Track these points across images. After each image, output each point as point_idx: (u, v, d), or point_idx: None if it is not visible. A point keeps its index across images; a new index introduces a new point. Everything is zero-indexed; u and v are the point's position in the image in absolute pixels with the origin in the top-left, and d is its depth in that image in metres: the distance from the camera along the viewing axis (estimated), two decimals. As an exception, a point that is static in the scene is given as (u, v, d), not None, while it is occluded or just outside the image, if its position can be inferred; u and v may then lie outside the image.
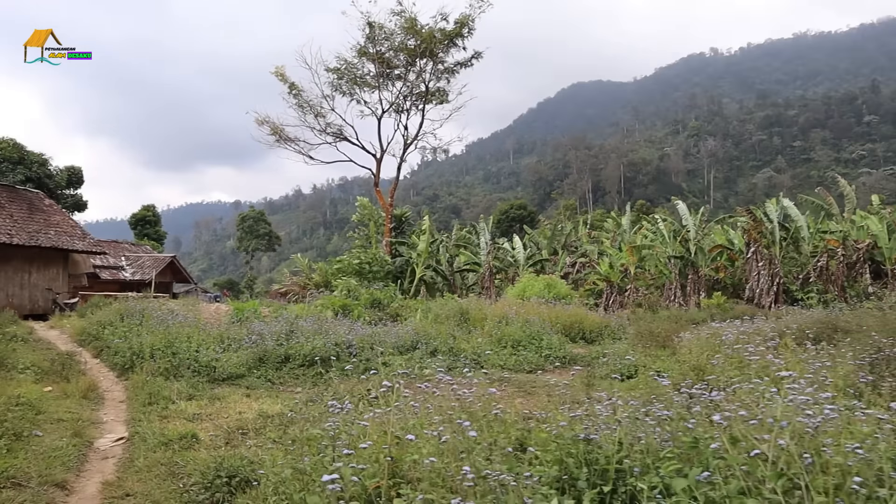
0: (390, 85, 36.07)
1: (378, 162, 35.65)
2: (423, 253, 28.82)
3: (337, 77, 35.80)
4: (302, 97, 35.52)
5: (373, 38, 35.15)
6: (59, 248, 26.17)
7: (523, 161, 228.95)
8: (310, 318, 14.96)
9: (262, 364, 12.18)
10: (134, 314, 15.48)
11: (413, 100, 35.84)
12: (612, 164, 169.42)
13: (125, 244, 45.37)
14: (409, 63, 35.40)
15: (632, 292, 39.88)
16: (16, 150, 46.42)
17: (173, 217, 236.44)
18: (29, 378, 10.79)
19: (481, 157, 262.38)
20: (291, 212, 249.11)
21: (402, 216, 35.46)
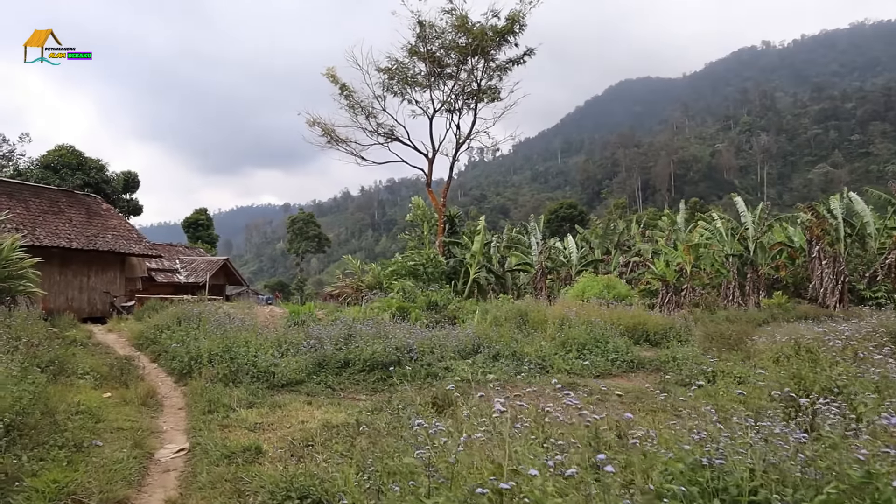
0: (441, 84, 35.69)
1: (430, 162, 35.28)
2: (477, 253, 28.30)
3: (388, 77, 35.53)
4: (353, 98, 35.34)
5: (423, 36, 34.77)
6: (116, 251, 26.40)
7: (571, 160, 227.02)
8: (368, 322, 14.59)
9: (322, 369, 11.83)
10: (191, 318, 15.32)
11: (465, 98, 35.36)
12: (662, 162, 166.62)
13: (179, 247, 45.86)
14: (460, 61, 34.92)
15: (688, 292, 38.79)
16: (74, 156, 47.34)
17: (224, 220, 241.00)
18: (88, 384, 10.61)
19: (528, 157, 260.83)
20: (340, 214, 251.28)
21: (455, 216, 34.98)
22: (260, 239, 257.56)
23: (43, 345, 11.90)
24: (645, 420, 7.15)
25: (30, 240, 22.38)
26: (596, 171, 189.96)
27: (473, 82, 34.95)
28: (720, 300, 37.07)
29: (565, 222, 79.36)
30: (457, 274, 28.89)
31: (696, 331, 19.11)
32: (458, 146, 35.41)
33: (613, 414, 6.90)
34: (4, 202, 24.01)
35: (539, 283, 42.82)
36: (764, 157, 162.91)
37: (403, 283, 20.13)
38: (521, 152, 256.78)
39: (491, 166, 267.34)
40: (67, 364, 11.44)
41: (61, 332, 15.22)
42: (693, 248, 39.02)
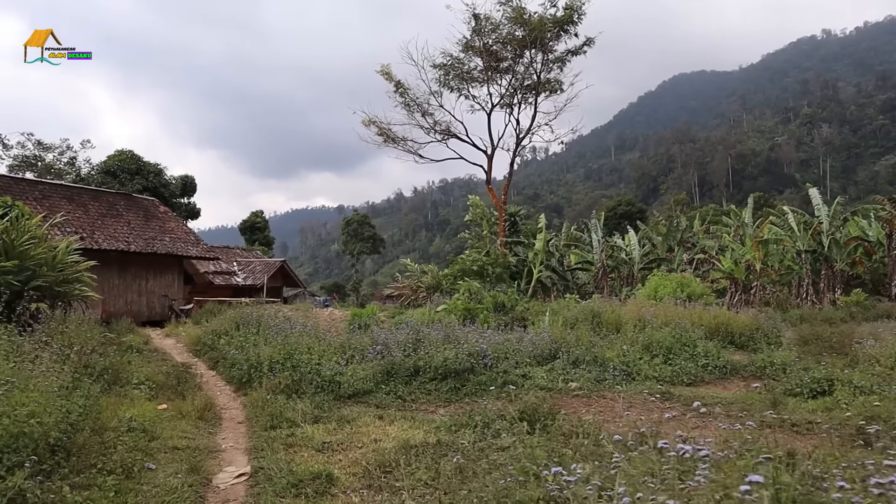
0: (499, 78, 34.60)
1: (489, 158, 34.24)
2: (541, 252, 27.18)
3: (444, 73, 34.64)
4: (408, 95, 34.53)
5: (479, 30, 33.76)
6: (174, 254, 26.10)
7: (625, 157, 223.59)
8: (436, 325, 13.65)
9: (391, 378, 10.91)
10: (250, 322, 14.59)
11: (523, 92, 34.21)
12: (719, 157, 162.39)
13: (236, 249, 45.80)
14: (517, 54, 33.82)
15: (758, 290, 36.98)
16: (133, 160, 47.79)
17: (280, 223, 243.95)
18: (143, 394, 9.91)
19: (581, 155, 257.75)
20: (393, 215, 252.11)
21: (516, 214, 33.87)
22: (315, 241, 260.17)
23: (97, 352, 11.28)
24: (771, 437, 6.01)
25: (88, 243, 22.15)
26: (651, 168, 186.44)
27: (532, 75, 33.78)
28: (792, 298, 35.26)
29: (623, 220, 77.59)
30: (519, 274, 27.82)
31: (787, 332, 17.72)
32: (519, 141, 34.28)
33: (731, 430, 5.81)
34: (64, 206, 23.87)
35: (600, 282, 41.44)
36: (826, 150, 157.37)
37: (469, 283, 19.17)
38: (574, 150, 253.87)
39: (544, 165, 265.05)
40: (122, 372, 10.78)
41: (118, 338, 14.67)
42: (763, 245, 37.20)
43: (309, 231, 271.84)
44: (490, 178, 34.51)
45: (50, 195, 24.25)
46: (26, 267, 12.17)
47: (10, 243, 12.05)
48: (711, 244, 45.32)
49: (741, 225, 41.21)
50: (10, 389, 7.47)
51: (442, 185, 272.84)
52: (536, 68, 33.46)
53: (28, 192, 23.56)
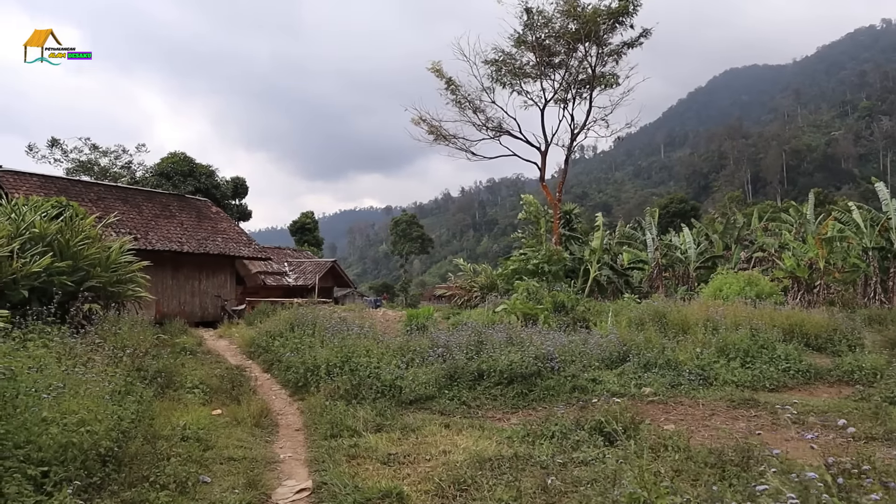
0: (552, 73, 33.76)
1: (543, 155, 33.41)
2: (598, 250, 26.34)
3: (495, 69, 33.96)
4: (459, 92, 33.95)
5: (531, 24, 33.00)
6: (226, 254, 25.98)
7: (675, 154, 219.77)
8: (498, 327, 13.03)
9: (454, 383, 10.31)
10: (305, 324, 14.15)
11: (577, 87, 33.30)
12: (773, 153, 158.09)
13: (287, 250, 45.84)
14: (570, 48, 32.93)
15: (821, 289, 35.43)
16: (186, 162, 48.28)
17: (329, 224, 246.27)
18: (197, 399, 9.51)
19: (630, 153, 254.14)
20: (441, 215, 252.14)
21: (571, 212, 32.99)
22: (363, 241, 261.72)
23: (151, 353, 10.96)
24: None
25: (142, 244, 22.12)
26: (702, 165, 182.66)
27: (586, 69, 32.87)
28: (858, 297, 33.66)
29: (676, 217, 75.91)
30: (575, 273, 27.03)
31: (869, 335, 16.64)
32: (574, 137, 33.39)
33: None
34: (119, 207, 23.92)
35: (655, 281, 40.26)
36: (887, 144, 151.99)
37: (527, 283, 18.46)
38: (623, 148, 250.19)
39: (592, 163, 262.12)
40: (176, 375, 10.42)
41: (171, 339, 14.41)
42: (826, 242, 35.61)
43: (357, 232, 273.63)
44: (544, 175, 33.71)
45: (105, 196, 24.33)
46: (80, 267, 11.93)
47: (65, 243, 11.82)
48: (771, 242, 43.72)
49: (803, 222, 39.57)
50: (60, 394, 7.12)
51: (489, 185, 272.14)
52: (591, 62, 32.58)
53: (84, 193, 23.67)
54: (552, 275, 21.68)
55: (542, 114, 33.83)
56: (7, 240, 11.05)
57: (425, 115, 34.25)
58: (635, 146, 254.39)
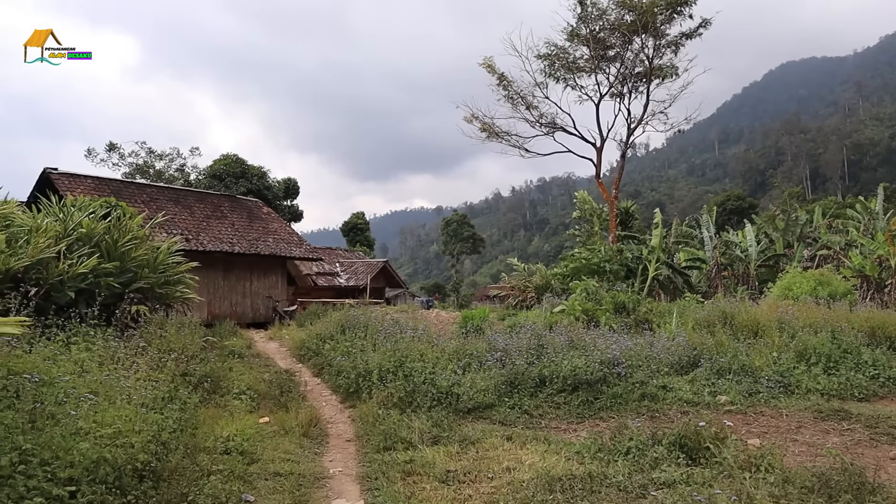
0: (607, 66, 32.71)
1: (598, 151, 32.39)
2: (657, 249, 25.26)
3: (548, 64, 33.09)
4: (512, 88, 33.17)
5: (585, 17, 32.04)
6: (277, 255, 25.74)
7: (729, 151, 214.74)
8: (558, 329, 12.30)
9: (514, 390, 9.63)
10: (356, 326, 13.61)
11: (633, 80, 32.20)
12: (833, 148, 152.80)
13: (338, 250, 45.71)
14: (626, 41, 31.86)
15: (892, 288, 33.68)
16: (238, 164, 48.58)
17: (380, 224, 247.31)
18: (243, 405, 9.04)
19: (683, 150, 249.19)
20: (491, 215, 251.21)
21: (629, 209, 31.91)
22: (414, 242, 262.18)
23: (198, 357, 10.57)
24: None
25: (193, 245, 22.00)
26: (758, 161, 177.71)
27: (644, 61, 31.75)
28: (934, 297, 31.85)
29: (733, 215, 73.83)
30: (633, 272, 26.03)
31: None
32: (630, 132, 32.28)
33: None
34: (171, 208, 23.89)
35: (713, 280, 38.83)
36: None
37: (586, 282, 17.62)
38: (676, 145, 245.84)
39: (644, 161, 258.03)
40: (223, 380, 9.99)
41: (220, 341, 14.06)
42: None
43: (408, 232, 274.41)
44: (599, 171, 32.71)
45: (157, 198, 24.32)
46: (127, 268, 11.62)
47: (112, 244, 11.52)
48: (836, 239, 41.83)
49: (871, 217, 37.70)
50: (98, 402, 6.70)
51: (540, 184, 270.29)
52: (648, 54, 31.44)
53: (137, 195, 23.69)
54: (612, 274, 20.80)
55: (596, 109, 32.85)
56: (54, 240, 10.78)
57: (477, 113, 33.57)
58: (689, 143, 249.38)
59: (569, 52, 33.03)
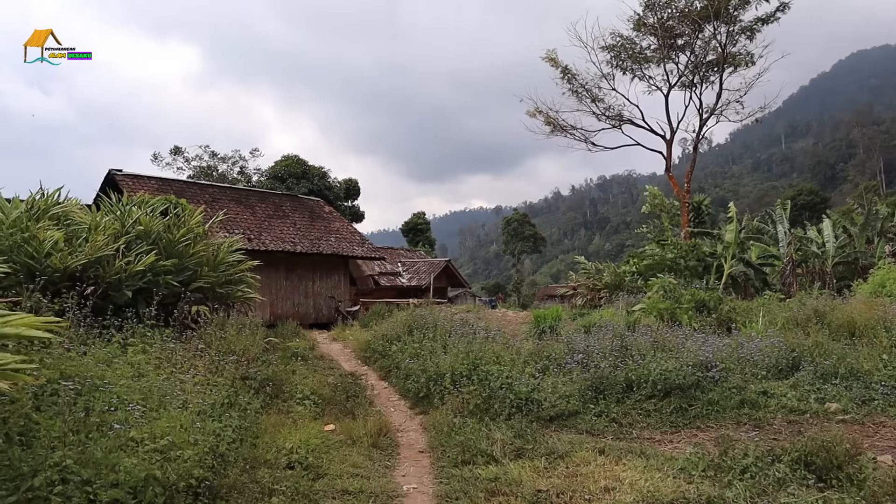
0: (675, 56, 31.36)
1: (668, 144, 31.09)
2: (732, 245, 23.94)
3: (613, 55, 31.93)
4: (576, 80, 32.13)
5: (652, 5, 30.80)
6: (339, 254, 25.30)
7: (797, 145, 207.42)
8: (640, 329, 11.37)
9: (599, 395, 8.77)
10: (424, 326, 12.90)
11: (705, 69, 30.73)
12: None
13: (400, 250, 45.27)
14: (696, 28, 30.46)
15: None
16: (299, 164, 48.65)
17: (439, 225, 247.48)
18: (307, 411, 8.42)
19: (748, 145, 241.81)
20: (551, 214, 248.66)
21: (701, 204, 30.48)
22: (473, 242, 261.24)
23: (260, 359, 10.03)
24: None
25: (255, 244, 21.69)
26: (827, 155, 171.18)
27: (716, 48, 30.25)
28: None
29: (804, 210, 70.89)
30: (706, 269, 24.73)
31: None
32: (703, 122, 30.84)
33: None
34: (233, 208, 23.68)
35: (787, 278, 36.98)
36: None
37: (663, 279, 16.54)
38: (740, 140, 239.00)
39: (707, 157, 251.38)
40: (285, 384, 9.40)
41: (283, 342, 13.54)
42: None
43: (467, 233, 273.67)
44: (670, 164, 31.40)
45: (219, 198, 24.14)
46: (186, 266, 11.16)
47: (170, 241, 11.08)
48: (924, 234, 39.44)
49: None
50: (150, 411, 6.14)
51: (600, 183, 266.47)
52: (720, 40, 29.94)
53: (199, 195, 23.54)
54: (689, 271, 19.67)
55: (665, 100, 31.56)
56: (113, 238, 10.39)
57: (542, 107, 32.63)
58: (753, 138, 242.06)
59: (635, 42, 31.82)
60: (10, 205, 10.46)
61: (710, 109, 30.54)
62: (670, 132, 31.12)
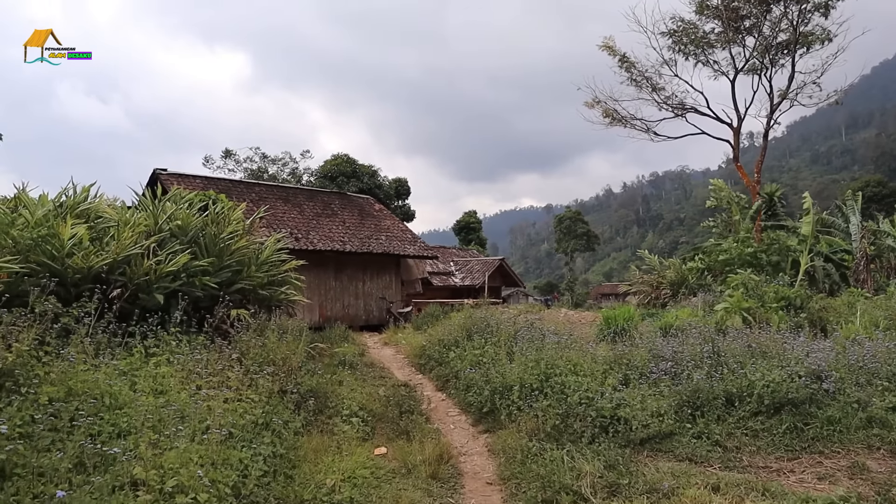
0: (741, 39, 29.40)
1: (735, 132, 29.15)
2: (809, 237, 22.10)
3: (674, 41, 30.16)
4: (635, 69, 30.46)
5: (716, -14, 28.98)
6: (390, 253, 24.23)
7: (858, 136, 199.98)
8: (733, 332, 9.93)
9: (696, 412, 7.40)
10: (484, 329, 11.63)
11: (774, 52, 28.68)
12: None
13: (452, 249, 44.16)
14: (763, 9, 28.50)
15: None
16: (349, 163, 47.93)
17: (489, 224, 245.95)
18: (354, 431, 7.27)
19: (806, 137, 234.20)
20: (602, 212, 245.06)
21: (774, 195, 28.51)
22: (524, 241, 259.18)
23: (305, 368, 8.96)
24: None
25: (303, 244, 20.79)
26: (892, 146, 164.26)
27: (788, 28, 28.23)
28: None
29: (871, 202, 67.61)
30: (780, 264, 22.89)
31: None
32: (774, 108, 28.78)
33: None
34: (280, 206, 22.86)
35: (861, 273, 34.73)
36: None
37: (743, 275, 14.93)
38: (797, 132, 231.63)
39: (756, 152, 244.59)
40: (330, 398, 8.29)
41: (330, 348, 12.46)
42: None
43: (518, 232, 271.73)
44: (738, 153, 29.46)
45: (266, 196, 23.34)
46: (226, 266, 10.14)
47: (208, 238, 10.08)
48: None
49: None
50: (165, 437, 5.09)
51: (652, 179, 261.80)
52: (792, 19, 27.88)
53: (245, 193, 22.77)
54: (772, 266, 18.03)
55: (732, 85, 29.61)
56: (145, 235, 9.42)
57: (599, 97, 31.06)
58: (811, 130, 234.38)
59: (697, 26, 30.00)
60: (38, 202, 9.60)
61: (782, 93, 28.48)
62: (738, 120, 29.20)
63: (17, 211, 9.01)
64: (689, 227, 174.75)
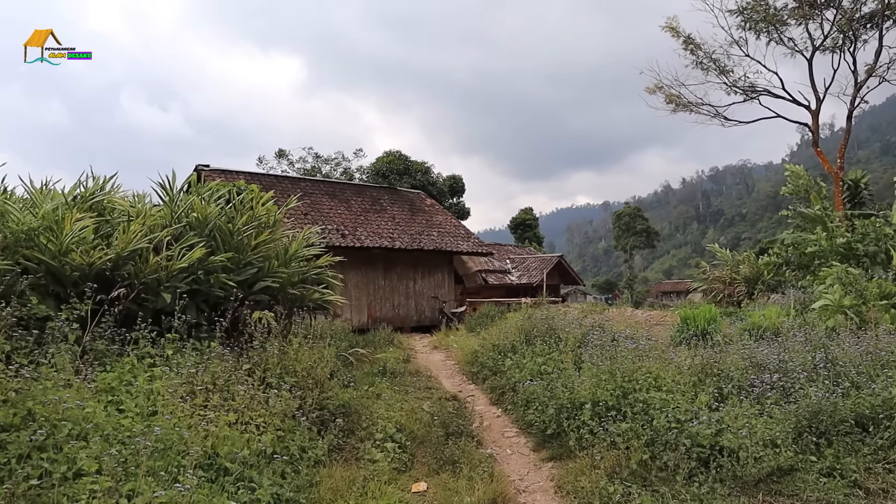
0: (818, 14, 27.08)
1: (814, 115, 26.92)
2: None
3: (743, 19, 28.06)
4: (701, 51, 28.50)
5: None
6: (443, 250, 22.87)
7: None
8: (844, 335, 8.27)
9: (820, 440, 5.81)
10: (546, 333, 10.11)
11: (857, 25, 26.23)
12: None
13: (508, 247, 42.64)
14: (844, -22, 26.17)
15: None
16: (401, 160, 47.02)
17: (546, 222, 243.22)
18: (388, 460, 5.89)
19: (875, 128, 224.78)
20: (661, 208, 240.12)
21: (859, 181, 26.20)
22: (581, 239, 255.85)
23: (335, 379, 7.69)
24: None
25: (350, 240, 19.62)
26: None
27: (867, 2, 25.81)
28: None
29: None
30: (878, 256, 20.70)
31: None
32: (859, 86, 26.39)
33: None
34: (326, 202, 21.79)
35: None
36: None
37: (838, 269, 13.06)
38: (866, 122, 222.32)
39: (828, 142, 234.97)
40: (363, 416, 6.96)
41: (372, 354, 11.17)
42: None
43: (575, 229, 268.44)
44: (817, 138, 27.24)
45: (312, 191, 22.29)
46: (248, 261, 8.92)
47: (228, 231, 8.87)
48: None
49: None
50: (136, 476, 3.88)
51: (712, 174, 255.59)
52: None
53: (291, 189, 21.78)
54: (870, 258, 16.09)
55: (809, 64, 27.36)
56: (156, 228, 8.27)
57: (662, 82, 29.21)
58: (881, 119, 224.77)
59: (769, 2, 27.83)
60: (46, 195, 8.56)
61: (869, 69, 26.08)
62: (816, 101, 26.94)
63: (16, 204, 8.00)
64: (751, 222, 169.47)
